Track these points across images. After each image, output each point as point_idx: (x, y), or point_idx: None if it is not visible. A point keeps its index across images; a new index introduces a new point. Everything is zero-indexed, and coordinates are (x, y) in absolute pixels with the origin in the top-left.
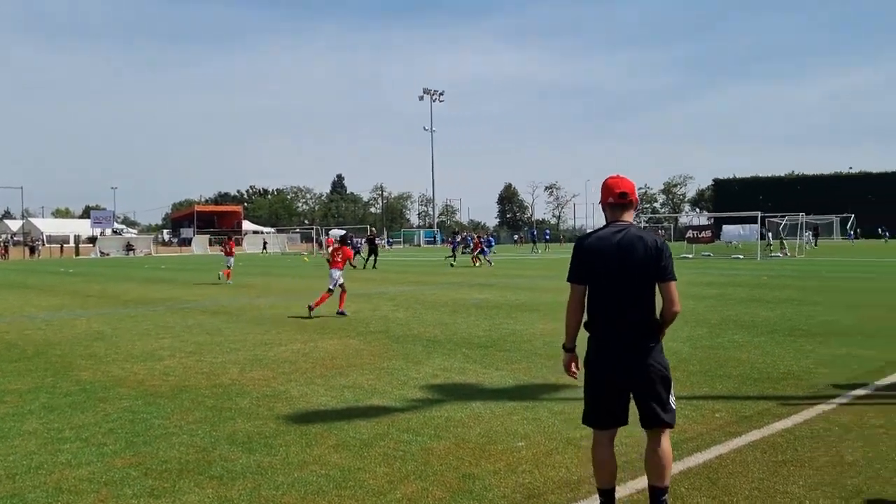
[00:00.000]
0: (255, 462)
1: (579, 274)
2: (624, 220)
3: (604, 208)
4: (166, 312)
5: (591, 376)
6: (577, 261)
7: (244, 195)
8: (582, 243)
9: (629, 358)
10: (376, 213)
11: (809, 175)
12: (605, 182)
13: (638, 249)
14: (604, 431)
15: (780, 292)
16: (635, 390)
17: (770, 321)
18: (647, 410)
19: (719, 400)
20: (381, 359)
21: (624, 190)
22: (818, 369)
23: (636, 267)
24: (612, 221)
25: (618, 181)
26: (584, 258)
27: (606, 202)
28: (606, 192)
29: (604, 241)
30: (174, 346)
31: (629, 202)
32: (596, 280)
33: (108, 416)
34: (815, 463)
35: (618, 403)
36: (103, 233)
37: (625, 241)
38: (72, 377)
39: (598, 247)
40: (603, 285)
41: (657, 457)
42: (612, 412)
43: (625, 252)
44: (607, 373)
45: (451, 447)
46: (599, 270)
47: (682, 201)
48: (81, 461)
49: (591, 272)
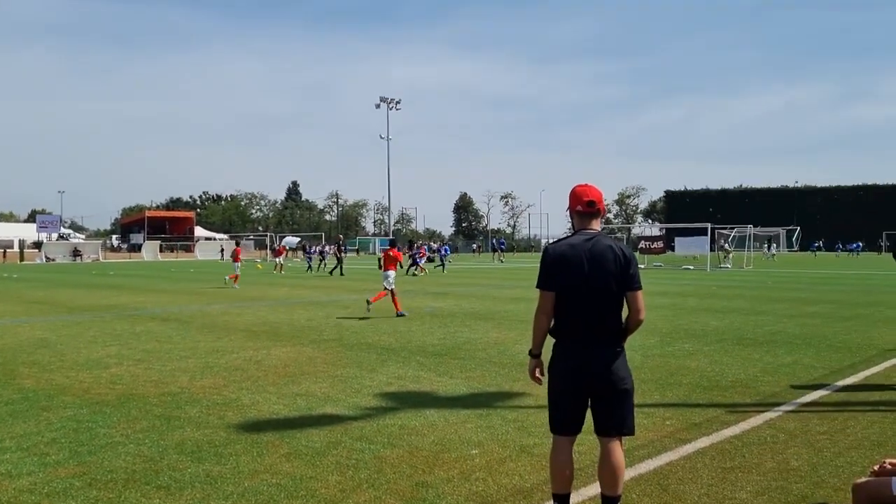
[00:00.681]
0: (205, 471)
1: (549, 281)
2: (592, 229)
3: (571, 216)
4: (114, 319)
5: (557, 383)
6: (547, 267)
7: (197, 201)
8: (552, 250)
9: (595, 365)
10: (331, 220)
11: (757, 188)
12: (574, 190)
13: (608, 258)
14: (565, 437)
15: (729, 302)
16: (598, 397)
17: (719, 330)
18: (606, 418)
19: (670, 407)
20: (335, 367)
21: (592, 198)
22: (765, 377)
23: (606, 275)
24: (580, 229)
25: (586, 189)
26: (555, 265)
27: (574, 210)
28: (575, 200)
29: (575, 248)
30: (122, 353)
31: (597, 211)
32: (565, 287)
33: (51, 424)
34: (761, 469)
35: (581, 410)
36: (49, 238)
37: (596, 249)
38: (13, 385)
39: (569, 254)
40: (572, 292)
41: (611, 466)
42: (576, 418)
43: (596, 260)
44: (572, 379)
45: (404, 455)
46: (569, 277)
47: (635, 212)
48: (22, 471)
49: (561, 279)
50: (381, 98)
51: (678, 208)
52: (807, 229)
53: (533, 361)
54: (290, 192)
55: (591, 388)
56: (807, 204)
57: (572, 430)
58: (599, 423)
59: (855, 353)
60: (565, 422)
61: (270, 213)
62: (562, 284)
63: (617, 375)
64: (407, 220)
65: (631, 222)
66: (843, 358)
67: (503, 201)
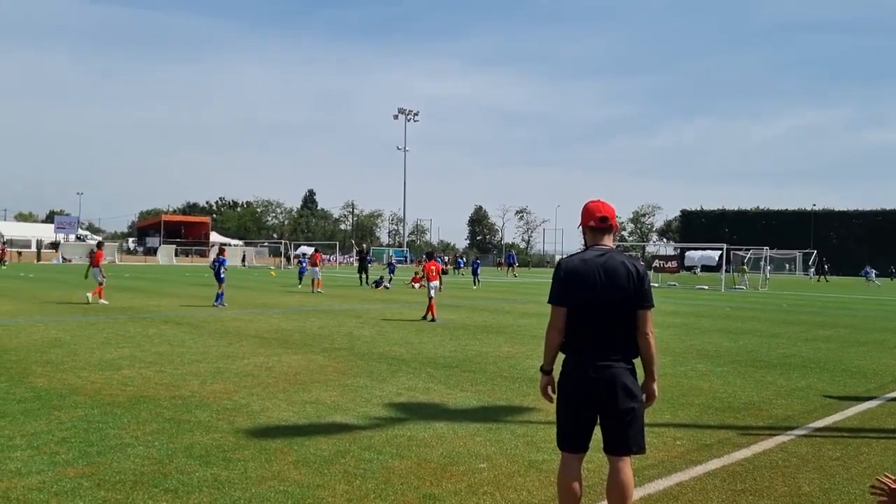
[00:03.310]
0: (213, 476)
1: (561, 296)
2: (604, 244)
3: (584, 232)
4: (128, 321)
5: (567, 399)
6: (560, 283)
7: (213, 206)
8: (565, 265)
9: (605, 382)
10: (346, 229)
11: (774, 210)
12: (586, 206)
13: (621, 274)
14: (573, 454)
15: (743, 324)
16: (607, 415)
17: (732, 351)
18: (615, 437)
19: (681, 428)
20: (345, 375)
21: (605, 214)
22: (778, 400)
23: (619, 291)
24: (592, 245)
25: (599, 205)
26: (567, 280)
27: (587, 225)
28: (587, 216)
29: (588, 263)
30: (134, 355)
31: (609, 226)
32: (577, 303)
33: (62, 424)
34: (773, 493)
35: (589, 427)
36: (67, 238)
37: (609, 265)
38: (26, 384)
39: (582, 269)
40: (584, 308)
41: (619, 485)
42: (584, 435)
43: (609, 276)
44: (582, 396)
45: (412, 467)
46: (582, 293)
47: (649, 231)
48: (32, 469)
49: (574, 294)
50: (399, 109)
51: (694, 228)
52: (823, 253)
53: (544, 378)
54: (305, 201)
55: (600, 405)
56: (824, 227)
57: (580, 447)
58: (608, 441)
59: (870, 379)
60: (573, 438)
61: (286, 221)
62: (574, 300)
63: (627, 393)
64: (421, 231)
65: (645, 240)
66: (858, 383)
67: (518, 216)
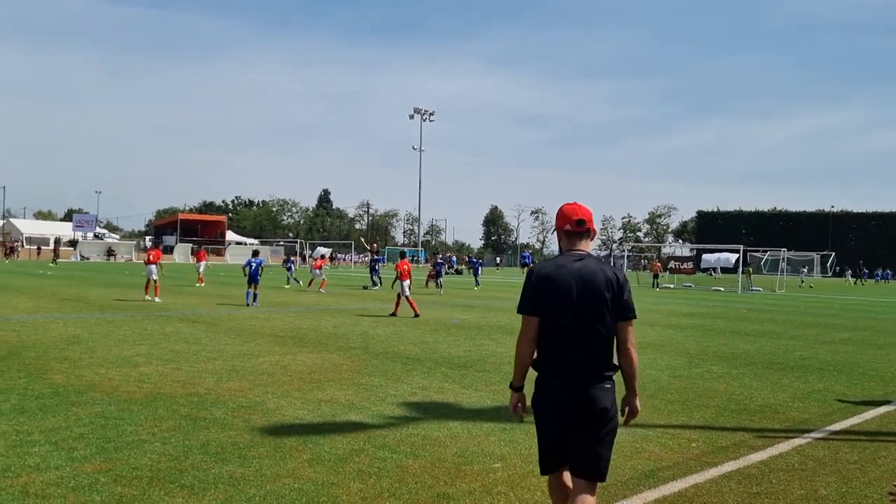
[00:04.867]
0: (228, 473)
1: (534, 304)
2: (581, 250)
3: (559, 236)
4: (145, 319)
5: (542, 420)
6: (533, 290)
7: (229, 206)
8: (538, 271)
9: (581, 401)
10: (361, 229)
11: (792, 211)
12: (562, 209)
13: (599, 281)
14: (558, 473)
15: (760, 325)
16: (584, 437)
17: (749, 353)
18: (589, 459)
19: (696, 430)
20: (360, 374)
21: (582, 217)
22: (794, 403)
23: (596, 300)
24: (568, 250)
25: (575, 208)
26: (541, 287)
27: (563, 229)
28: (563, 219)
29: (563, 269)
30: (151, 353)
31: (586, 230)
32: (551, 312)
33: (80, 420)
34: (789, 496)
35: (569, 443)
36: (85, 237)
37: (586, 272)
38: (45, 380)
39: (556, 275)
40: (559, 318)
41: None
42: (566, 451)
43: (586, 283)
44: (558, 416)
45: (426, 466)
46: (556, 301)
47: (665, 231)
48: (50, 465)
49: (548, 303)
50: (415, 109)
51: (710, 230)
52: (841, 255)
53: (515, 395)
54: (321, 200)
55: (575, 423)
56: (842, 229)
57: (564, 463)
58: (578, 463)
59: (888, 383)
60: (555, 462)
61: (301, 220)
62: (547, 309)
63: (605, 416)
64: (436, 231)
65: (661, 242)
66: (876, 386)
67: (533, 216)
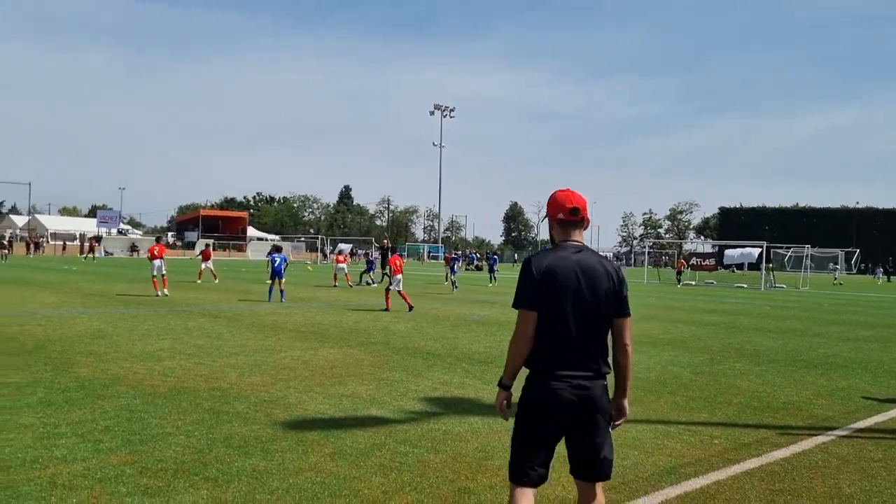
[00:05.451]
0: (251, 466)
1: (531, 298)
2: (577, 241)
3: (551, 225)
4: (168, 314)
5: (533, 423)
6: (530, 283)
7: (250, 202)
8: (536, 263)
9: (584, 404)
10: (382, 225)
11: (816, 207)
12: (554, 196)
13: (600, 275)
14: (532, 489)
15: (783, 322)
16: (584, 440)
17: (772, 350)
18: (595, 459)
19: (718, 426)
20: (381, 369)
21: (576, 205)
22: (818, 400)
23: (596, 295)
24: (563, 241)
25: (569, 195)
26: (539, 281)
27: (555, 218)
28: (555, 207)
29: (562, 261)
30: (174, 347)
31: (581, 219)
32: (552, 307)
33: (106, 413)
34: (812, 493)
35: (552, 455)
36: (109, 233)
37: (586, 265)
38: (71, 373)
39: (556, 268)
40: (557, 313)
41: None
42: (547, 465)
43: (586, 276)
44: (555, 419)
45: (447, 460)
46: (558, 296)
47: (686, 228)
48: (77, 457)
49: (548, 298)
50: (436, 105)
51: (732, 226)
52: (866, 252)
53: (503, 393)
54: (342, 196)
55: (573, 429)
56: (866, 226)
57: (540, 479)
58: (582, 466)
59: None
60: (538, 469)
61: (322, 217)
62: (548, 304)
63: (606, 417)
64: (457, 227)
65: (682, 238)
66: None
67: None
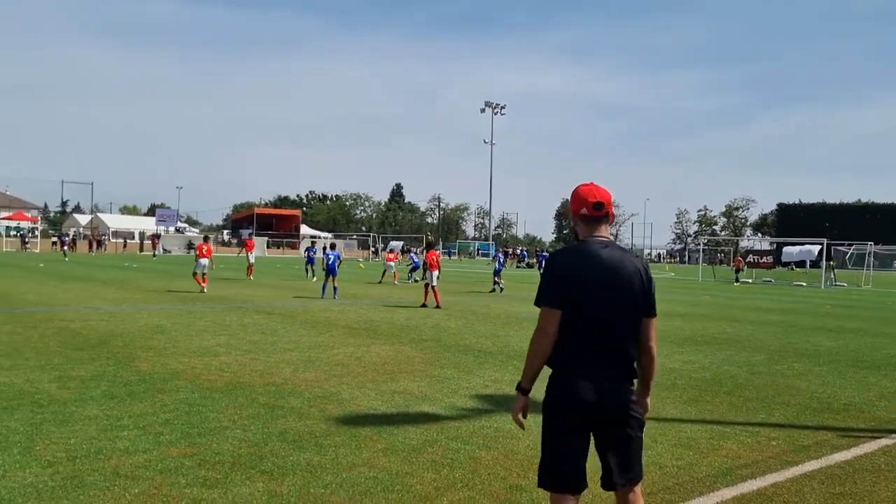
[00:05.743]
0: (305, 460)
1: (556, 296)
2: (602, 236)
3: (575, 221)
4: (224, 311)
5: (561, 426)
6: (555, 280)
7: (303, 200)
8: (563, 258)
9: (610, 405)
10: (433, 223)
11: (879, 203)
12: (578, 190)
13: (630, 272)
14: (570, 496)
15: (844, 322)
16: (615, 444)
17: (833, 351)
18: (626, 466)
19: (776, 428)
20: (433, 366)
21: (600, 200)
22: (881, 402)
23: (627, 293)
24: (587, 236)
25: (593, 189)
26: (565, 278)
27: (579, 214)
28: (579, 202)
29: (592, 258)
30: (230, 343)
31: (605, 214)
32: (578, 305)
33: (166, 406)
34: (874, 497)
35: (585, 454)
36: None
37: (615, 261)
38: (132, 367)
39: (585, 264)
40: (584, 311)
41: None
42: (581, 467)
43: (616, 274)
44: (582, 422)
45: (499, 458)
46: (585, 293)
47: (743, 225)
48: (138, 448)
49: (572, 295)
50: (486, 103)
51: (791, 223)
52: None
53: (521, 399)
54: (393, 194)
55: (598, 427)
56: None
57: (580, 486)
58: (615, 473)
59: None
60: (573, 475)
61: (374, 214)
62: (574, 302)
63: (637, 419)
64: (507, 225)
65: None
66: None
67: None
